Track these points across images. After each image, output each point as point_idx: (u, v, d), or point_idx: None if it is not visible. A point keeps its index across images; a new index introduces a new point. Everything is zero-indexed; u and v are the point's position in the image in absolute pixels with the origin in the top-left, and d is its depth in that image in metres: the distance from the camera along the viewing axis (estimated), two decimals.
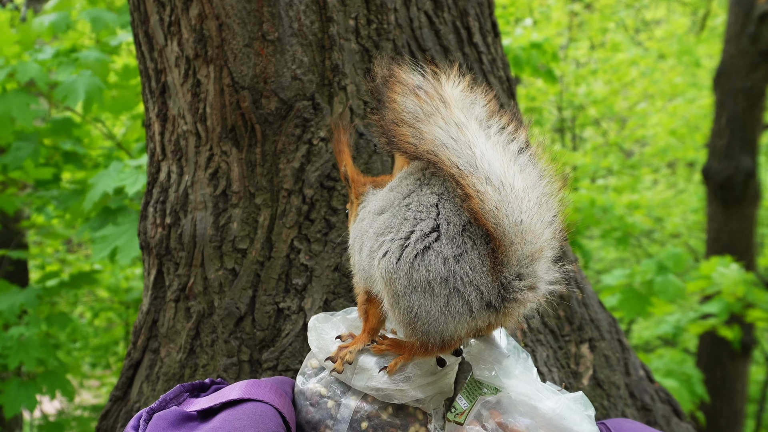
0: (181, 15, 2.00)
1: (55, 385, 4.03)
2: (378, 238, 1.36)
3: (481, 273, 1.28)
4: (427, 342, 1.33)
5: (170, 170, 2.13)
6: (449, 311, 1.28)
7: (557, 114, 10.14)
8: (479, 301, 1.28)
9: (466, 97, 1.36)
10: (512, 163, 1.29)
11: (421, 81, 1.36)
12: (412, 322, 1.31)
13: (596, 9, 10.22)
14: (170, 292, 2.05)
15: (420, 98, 1.33)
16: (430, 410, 1.44)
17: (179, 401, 1.39)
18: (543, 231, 1.29)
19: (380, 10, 2.00)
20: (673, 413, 2.19)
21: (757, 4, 6.51)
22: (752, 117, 6.71)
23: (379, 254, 1.33)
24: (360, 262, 1.44)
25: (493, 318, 1.31)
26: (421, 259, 1.28)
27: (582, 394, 1.35)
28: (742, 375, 6.50)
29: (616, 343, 2.19)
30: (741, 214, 6.64)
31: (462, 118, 1.31)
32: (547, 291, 1.32)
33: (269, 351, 1.86)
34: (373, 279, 1.38)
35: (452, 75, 1.38)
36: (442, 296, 1.28)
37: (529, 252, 1.28)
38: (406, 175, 1.41)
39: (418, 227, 1.30)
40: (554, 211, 1.31)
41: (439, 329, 1.30)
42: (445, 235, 1.29)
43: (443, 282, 1.27)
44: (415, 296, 1.29)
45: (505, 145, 1.31)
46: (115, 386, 2.16)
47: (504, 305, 1.29)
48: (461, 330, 1.31)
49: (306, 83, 1.93)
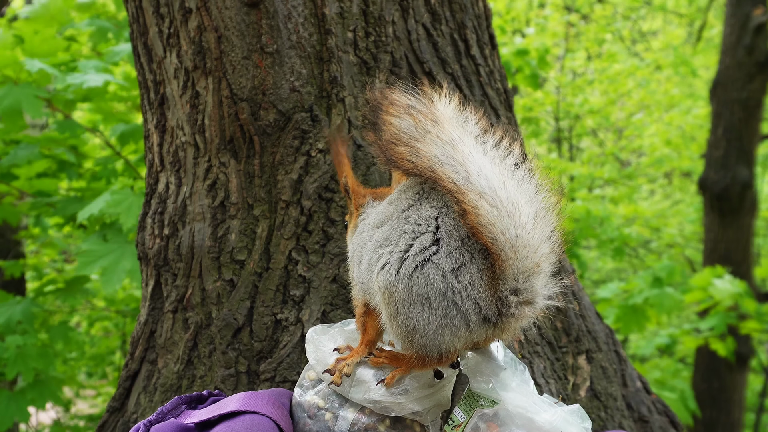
0: (180, 27, 2.01)
1: (44, 396, 3.94)
2: (377, 250, 1.37)
3: (479, 287, 1.28)
4: (424, 355, 1.34)
5: (169, 181, 2.14)
6: (447, 325, 1.29)
7: (554, 124, 10.16)
8: (476, 315, 1.28)
9: (458, 115, 1.37)
10: (509, 178, 1.30)
11: (414, 101, 1.37)
12: (410, 334, 1.31)
13: (593, 20, 10.27)
14: (168, 302, 2.05)
15: (414, 118, 1.34)
16: (427, 422, 1.45)
17: (177, 413, 1.39)
18: (540, 246, 1.29)
19: (378, 23, 2.01)
20: (670, 425, 2.19)
21: (753, 15, 6.55)
22: (749, 128, 6.74)
23: (378, 266, 1.34)
24: (359, 275, 1.45)
25: (491, 332, 1.32)
26: (420, 272, 1.29)
27: (579, 406, 1.36)
28: (739, 385, 6.50)
29: (613, 355, 2.19)
30: (737, 224, 6.66)
31: (456, 135, 1.32)
32: (544, 306, 1.32)
33: (267, 362, 1.86)
34: (371, 291, 1.39)
35: (443, 94, 1.39)
36: (440, 309, 1.28)
37: (526, 267, 1.28)
38: (405, 188, 1.42)
39: (418, 241, 1.31)
40: (552, 226, 1.32)
41: (436, 342, 1.31)
42: (445, 249, 1.29)
43: (441, 295, 1.28)
44: (414, 309, 1.29)
45: (502, 160, 1.32)
46: (113, 397, 2.15)
47: (501, 320, 1.29)
48: (458, 343, 1.32)
49: (304, 95, 1.94)
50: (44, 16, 3.87)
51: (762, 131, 7.15)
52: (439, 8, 2.12)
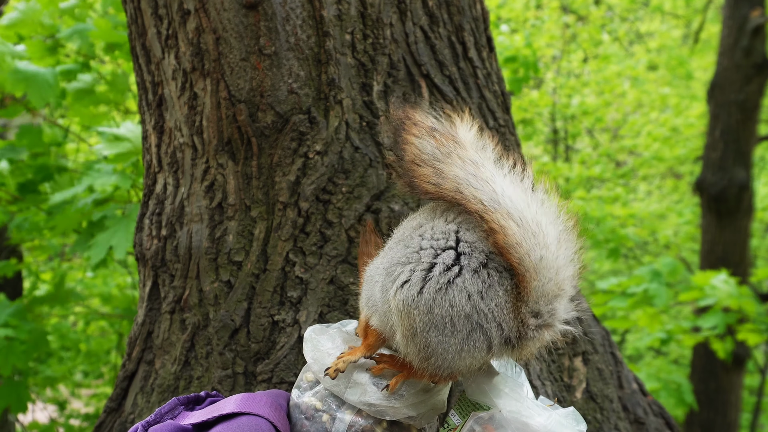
0: (178, 29, 2.01)
1: (8, 399, 3.91)
2: (392, 268, 1.32)
3: (504, 309, 1.25)
4: (435, 374, 1.32)
5: (166, 182, 2.14)
6: (468, 348, 1.26)
7: (550, 125, 10.18)
8: (499, 338, 1.26)
9: (478, 140, 1.35)
10: (532, 200, 1.28)
11: (436, 123, 1.35)
12: (426, 357, 1.28)
13: (589, 21, 10.28)
14: (165, 303, 2.05)
15: (437, 139, 1.32)
16: (422, 426, 1.45)
17: (174, 414, 1.40)
18: (564, 268, 1.27)
19: (376, 25, 2.01)
20: (666, 426, 2.20)
21: (750, 17, 6.57)
22: (746, 129, 6.76)
23: (397, 284, 1.29)
24: (370, 293, 1.42)
25: (509, 353, 1.30)
26: (444, 293, 1.24)
27: (573, 409, 1.36)
28: (735, 387, 6.52)
29: (609, 357, 2.20)
30: (735, 226, 6.68)
31: (477, 158, 1.30)
32: (560, 330, 1.30)
33: (264, 363, 1.87)
34: (381, 311, 1.36)
35: (465, 119, 1.38)
36: (463, 332, 1.25)
37: (549, 289, 1.26)
38: (414, 216, 1.41)
39: (440, 258, 1.27)
40: (574, 248, 1.30)
41: (453, 365, 1.28)
42: (468, 267, 1.25)
43: (467, 317, 1.24)
44: (433, 333, 1.25)
45: (520, 182, 1.30)
46: (110, 397, 2.16)
47: (521, 342, 1.27)
48: (475, 365, 1.30)
49: (302, 97, 1.94)
50: (28, 21, 3.86)
51: (759, 133, 7.16)
52: (437, 11, 2.12)
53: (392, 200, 1.93)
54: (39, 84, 3.46)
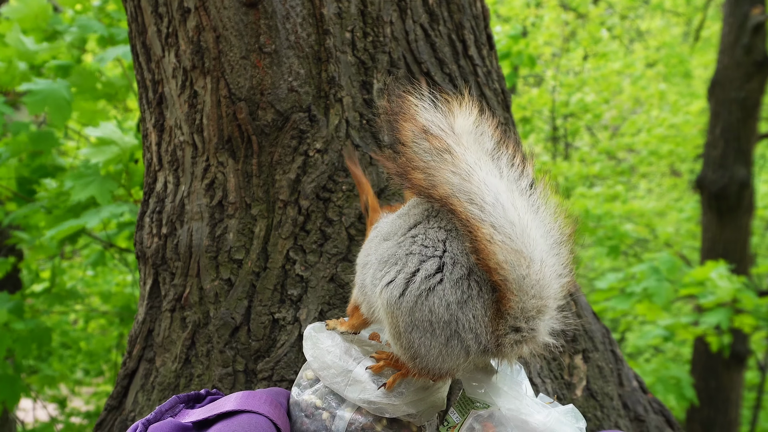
0: (178, 27, 2.01)
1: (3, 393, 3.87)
2: (382, 265, 1.34)
3: (482, 321, 1.26)
4: (426, 373, 1.34)
5: (167, 180, 2.14)
6: (447, 352, 1.28)
7: (550, 123, 10.17)
8: (477, 346, 1.27)
9: (476, 128, 1.32)
10: (525, 208, 1.25)
11: (433, 116, 1.32)
12: (413, 357, 1.31)
13: (589, 19, 10.27)
14: (166, 301, 2.06)
15: (431, 137, 1.29)
16: (421, 424, 1.45)
17: (175, 412, 1.40)
18: (550, 285, 1.26)
19: (376, 23, 2.01)
20: (666, 424, 2.20)
21: (751, 15, 6.56)
22: (746, 127, 6.75)
23: (383, 283, 1.31)
24: (362, 279, 1.43)
25: (490, 359, 1.32)
26: (424, 299, 1.26)
27: (573, 407, 1.36)
28: (736, 384, 6.52)
29: (610, 354, 2.20)
30: (735, 223, 6.67)
31: (473, 160, 1.27)
32: (544, 342, 1.30)
33: (264, 361, 1.87)
34: (371, 302, 1.38)
35: (464, 104, 1.34)
36: (442, 337, 1.27)
37: (532, 306, 1.25)
38: (414, 204, 1.40)
39: (424, 266, 1.28)
40: (565, 262, 1.28)
41: (437, 366, 1.30)
42: (449, 278, 1.26)
43: (446, 324, 1.26)
44: (416, 334, 1.28)
45: (516, 182, 1.28)
46: (110, 395, 2.16)
47: (500, 350, 1.28)
48: (459, 368, 1.31)
49: (302, 95, 1.94)
50: (27, 15, 3.85)
51: (760, 131, 7.15)
52: (437, 9, 2.12)
53: (392, 198, 1.93)
54: (58, 102, 3.42)
